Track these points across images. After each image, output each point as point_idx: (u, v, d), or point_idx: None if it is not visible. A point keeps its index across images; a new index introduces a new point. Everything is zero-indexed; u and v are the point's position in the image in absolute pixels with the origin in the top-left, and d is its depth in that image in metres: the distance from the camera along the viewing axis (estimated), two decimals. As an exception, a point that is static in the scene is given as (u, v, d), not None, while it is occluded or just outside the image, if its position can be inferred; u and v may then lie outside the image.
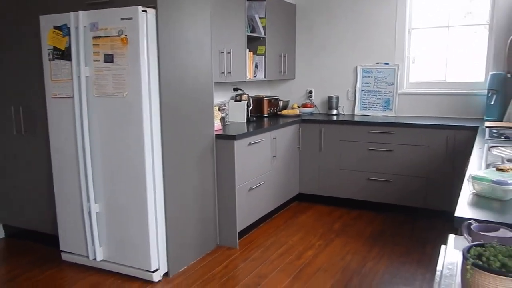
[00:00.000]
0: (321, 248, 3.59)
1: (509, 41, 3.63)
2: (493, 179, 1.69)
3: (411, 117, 4.51)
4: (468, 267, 0.97)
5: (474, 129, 3.76)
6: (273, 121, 4.46)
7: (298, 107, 5.09)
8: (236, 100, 4.42)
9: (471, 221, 1.31)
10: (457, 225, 1.47)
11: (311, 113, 5.03)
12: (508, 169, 1.78)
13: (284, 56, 4.87)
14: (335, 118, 4.69)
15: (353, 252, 3.51)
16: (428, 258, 3.36)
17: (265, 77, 4.54)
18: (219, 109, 4.01)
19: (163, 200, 3.01)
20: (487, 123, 3.80)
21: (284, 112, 4.93)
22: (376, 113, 4.77)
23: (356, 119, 4.58)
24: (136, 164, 2.86)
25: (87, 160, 2.97)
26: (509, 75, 3.68)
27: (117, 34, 2.71)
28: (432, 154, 4.01)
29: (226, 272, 3.18)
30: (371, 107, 4.81)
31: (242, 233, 3.79)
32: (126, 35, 2.69)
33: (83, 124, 2.93)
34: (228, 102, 4.39)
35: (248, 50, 4.23)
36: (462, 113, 4.38)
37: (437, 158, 3.98)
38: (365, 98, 4.84)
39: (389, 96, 4.69)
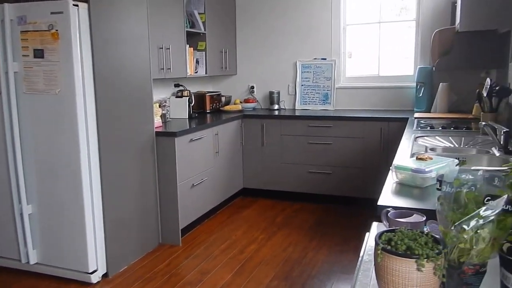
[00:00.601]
0: (264, 242, 3.66)
1: (432, 36, 3.86)
2: (413, 168, 1.80)
3: (348, 110, 4.68)
4: (379, 251, 1.04)
5: (405, 121, 3.96)
6: (216, 117, 4.47)
7: (241, 102, 5.13)
8: (177, 97, 4.38)
9: (389, 209, 1.40)
10: (379, 213, 1.56)
11: (254, 108, 5.08)
12: (426, 158, 1.90)
13: (225, 52, 4.88)
14: (276, 113, 4.77)
15: (295, 243, 3.61)
16: (364, 245, 3.51)
17: (206, 73, 4.53)
18: (159, 106, 3.96)
19: (101, 199, 2.95)
20: (416, 114, 4.02)
21: (227, 107, 4.95)
22: (316, 107, 4.90)
23: (297, 113, 4.69)
24: (71, 162, 2.78)
25: (18, 159, 2.84)
26: (433, 68, 3.90)
27: (47, 29, 2.61)
28: (368, 146, 4.19)
29: (168, 270, 3.17)
30: (311, 102, 4.94)
31: (186, 230, 3.78)
32: (57, 30, 2.60)
33: (12, 122, 2.81)
34: (169, 98, 4.35)
35: (188, 45, 4.21)
36: (395, 105, 4.60)
37: (372, 149, 4.16)
38: (305, 93, 4.95)
39: (328, 90, 4.84)
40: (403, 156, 2.35)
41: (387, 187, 1.86)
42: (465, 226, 1.02)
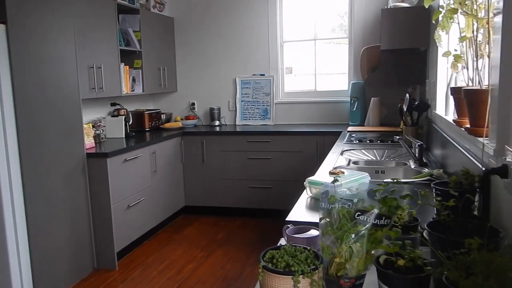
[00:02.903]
0: (203, 260, 3.62)
1: (361, 52, 4.02)
2: (324, 183, 1.85)
3: (287, 125, 4.77)
4: (260, 269, 1.05)
5: (339, 134, 4.08)
6: (154, 135, 4.42)
7: (181, 119, 5.11)
8: (113, 116, 4.30)
9: (289, 225, 1.43)
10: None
11: (195, 125, 5.07)
12: (338, 172, 1.96)
13: (164, 69, 4.85)
14: (217, 129, 4.79)
15: (233, 260, 3.59)
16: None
17: (143, 91, 4.49)
18: (93, 126, 3.87)
19: (25, 227, 2.81)
20: (349, 128, 4.15)
21: (167, 125, 4.91)
22: (256, 123, 4.96)
23: (238, 129, 4.72)
24: (-10, 189, 2.64)
25: None
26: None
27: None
28: (305, 159, 4.27)
29: (101, 295, 3.07)
30: (251, 117, 4.99)
31: (123, 253, 3.68)
32: (-31, 52, 2.49)
33: None
34: (104, 118, 4.26)
35: (123, 64, 4.15)
36: (332, 119, 4.73)
37: (309, 162, 4.22)
38: (245, 108, 5.00)
39: (267, 105, 4.91)
40: (326, 170, 2.41)
41: (301, 202, 1.89)
42: (340, 241, 1.06)
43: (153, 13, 4.73)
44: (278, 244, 1.49)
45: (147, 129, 4.69)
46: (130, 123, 4.32)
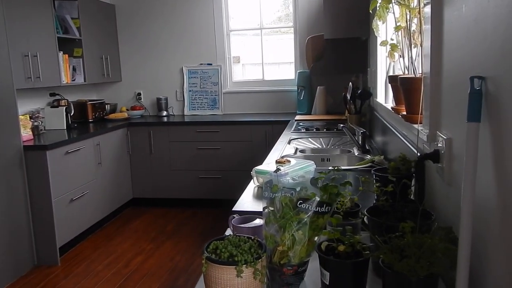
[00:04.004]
0: (151, 252, 3.57)
1: (306, 41, 4.07)
2: (271, 172, 1.87)
3: (236, 115, 4.76)
4: (203, 261, 1.05)
5: (287, 123, 4.13)
6: (99, 126, 4.27)
7: (127, 110, 4.96)
8: (53, 107, 4.10)
9: (235, 215, 1.43)
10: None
11: (141, 116, 4.95)
12: (284, 161, 1.98)
13: (106, 58, 4.67)
14: (165, 119, 4.69)
15: (183, 251, 3.56)
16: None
17: (85, 81, 4.30)
18: (30, 117, 3.67)
19: (-44, 225, 2.65)
20: (297, 117, 4.21)
21: (112, 116, 4.75)
22: (205, 113, 4.91)
23: (186, 119, 4.65)
24: None
25: None
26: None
27: None
28: (255, 148, 4.29)
29: (43, 294, 2.95)
30: (199, 107, 4.93)
31: (66, 248, 3.55)
32: None
33: None
34: (43, 109, 4.05)
35: (62, 52, 3.96)
36: (280, 108, 4.77)
37: (259, 151, 4.25)
38: (193, 98, 4.94)
39: (215, 95, 4.87)
40: (273, 159, 2.43)
41: (248, 192, 1.90)
42: (283, 230, 1.07)
43: (93, 0, 4.52)
44: (224, 235, 1.49)
45: (90, 120, 4.52)
46: (71, 114, 4.14)
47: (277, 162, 2.02)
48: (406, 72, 1.74)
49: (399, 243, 0.91)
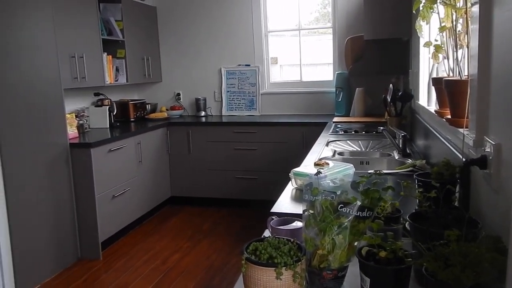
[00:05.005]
0: (188, 250, 3.63)
1: (345, 42, 4.02)
2: (309, 174, 1.86)
3: (273, 116, 4.77)
4: (243, 261, 1.06)
5: (325, 125, 4.09)
6: (139, 125, 4.38)
7: (167, 110, 5.07)
8: (97, 106, 4.25)
9: (273, 217, 1.43)
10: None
11: (180, 116, 5.04)
12: (323, 163, 1.97)
13: (148, 59, 4.79)
14: (203, 119, 4.76)
15: (219, 250, 3.60)
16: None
17: (127, 81, 4.43)
18: (76, 116, 3.82)
19: (6, 216, 2.79)
20: (335, 119, 4.17)
21: (152, 115, 4.86)
22: (242, 113, 4.94)
23: (224, 119, 4.70)
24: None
25: None
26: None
27: None
28: (291, 150, 4.27)
29: (85, 286, 3.06)
30: (237, 108, 4.97)
31: (107, 243, 3.66)
32: None
33: None
34: (88, 108, 4.20)
35: (106, 53, 4.09)
36: (317, 109, 4.74)
37: (295, 153, 4.23)
38: (231, 99, 4.98)
39: (253, 96, 4.90)
40: (311, 161, 2.42)
41: (286, 194, 1.90)
42: (323, 233, 1.07)
43: (135, 2, 4.65)
44: (262, 236, 1.49)
45: (132, 120, 4.65)
46: (114, 113, 4.28)
47: (315, 164, 2.00)
48: (451, 74, 1.69)
49: (443, 251, 0.89)
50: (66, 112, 3.39)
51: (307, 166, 2.19)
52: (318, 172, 1.21)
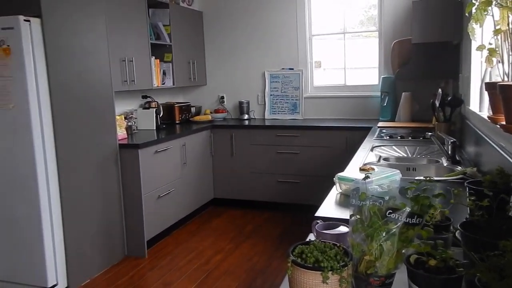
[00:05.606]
0: (230, 252, 3.67)
1: (391, 46, 3.94)
2: (355, 179, 1.84)
3: (316, 120, 4.74)
4: (289, 264, 1.07)
5: (369, 130, 4.03)
6: (184, 127, 4.49)
7: (211, 112, 5.15)
8: (144, 108, 4.39)
9: (318, 221, 1.43)
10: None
11: (224, 119, 5.11)
12: (369, 168, 1.95)
13: (193, 63, 4.90)
14: (246, 123, 4.81)
15: (261, 253, 3.62)
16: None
17: (174, 84, 4.55)
18: (125, 118, 3.96)
19: (60, 212, 2.93)
20: (380, 124, 4.09)
21: (197, 118, 4.97)
22: (285, 117, 4.95)
23: (266, 123, 4.73)
24: (28, 176, 2.77)
25: (-27, 176, 2.82)
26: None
27: (-2, 45, 2.61)
28: (334, 154, 4.24)
29: (131, 282, 3.16)
30: (280, 111, 4.99)
31: (153, 241, 3.77)
32: (8, 46, 2.59)
33: (-32, 139, 2.78)
34: (136, 110, 4.35)
35: (154, 57, 4.22)
36: (361, 114, 4.67)
37: (338, 158, 4.20)
38: (274, 102, 5.00)
39: (296, 100, 4.90)
40: (356, 166, 2.39)
41: (330, 198, 1.89)
42: (370, 239, 1.06)
43: (183, 7, 4.78)
44: (307, 240, 1.49)
45: (177, 122, 4.77)
46: (160, 116, 4.40)
47: (361, 169, 1.99)
48: (506, 78, 1.63)
49: (498, 262, 0.86)
50: (116, 114, 3.53)
51: (352, 171, 2.17)
52: (367, 177, 1.20)
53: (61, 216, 2.94)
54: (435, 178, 2.08)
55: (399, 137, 3.35)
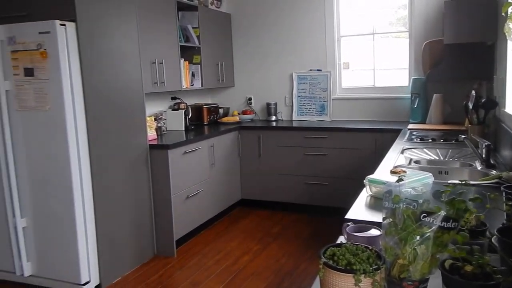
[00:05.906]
0: (258, 252, 3.68)
1: (422, 46, 3.87)
2: (386, 181, 1.82)
3: (344, 121, 4.70)
4: (320, 266, 1.07)
5: (399, 132, 3.97)
6: (212, 128, 4.53)
7: (239, 114, 5.18)
8: (173, 109, 4.45)
9: (349, 223, 1.42)
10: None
11: (251, 120, 5.13)
12: (400, 171, 1.92)
13: (221, 65, 4.94)
14: (273, 124, 4.81)
15: (288, 254, 3.62)
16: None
17: (202, 86, 4.60)
18: (155, 119, 4.03)
19: (93, 211, 3.01)
20: (410, 126, 4.03)
21: (225, 119, 5.00)
22: (313, 118, 4.93)
23: (294, 124, 4.72)
24: (63, 176, 2.85)
25: (11, 175, 2.93)
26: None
27: (36, 48, 2.70)
28: (363, 157, 4.20)
29: (161, 281, 3.21)
30: (308, 113, 4.97)
31: (181, 241, 3.82)
32: (45, 49, 2.68)
33: (5, 139, 2.89)
34: (165, 111, 4.42)
35: (183, 59, 4.28)
36: (391, 116, 4.61)
37: (366, 160, 4.16)
38: (301, 104, 4.99)
39: (324, 101, 4.87)
40: (386, 168, 2.37)
41: (360, 201, 1.88)
42: (403, 242, 1.05)
43: (211, 10, 4.83)
44: (338, 242, 1.49)
45: (205, 123, 4.81)
46: (189, 117, 4.46)
47: (391, 172, 1.96)
48: (545, 80, 1.58)
49: (539, 269, 0.84)
50: (146, 115, 3.60)
51: (382, 173, 2.15)
52: (400, 179, 1.19)
53: (94, 214, 3.01)
54: (471, 182, 2.03)
55: (430, 140, 3.29)
